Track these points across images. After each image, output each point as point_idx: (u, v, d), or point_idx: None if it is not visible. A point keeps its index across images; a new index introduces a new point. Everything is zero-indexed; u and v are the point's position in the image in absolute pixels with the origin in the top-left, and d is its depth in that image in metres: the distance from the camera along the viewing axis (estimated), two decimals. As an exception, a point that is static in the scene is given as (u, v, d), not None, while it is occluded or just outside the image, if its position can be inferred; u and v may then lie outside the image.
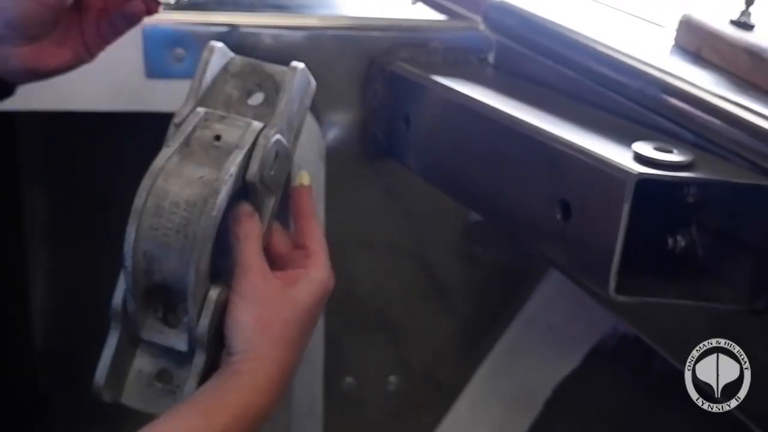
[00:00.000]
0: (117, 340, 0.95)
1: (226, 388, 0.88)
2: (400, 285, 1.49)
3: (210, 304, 0.91)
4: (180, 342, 0.93)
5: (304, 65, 0.98)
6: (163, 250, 0.90)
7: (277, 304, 0.91)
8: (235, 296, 0.91)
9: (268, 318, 0.90)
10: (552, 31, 1.19)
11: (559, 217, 0.95)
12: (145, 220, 0.90)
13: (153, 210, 0.90)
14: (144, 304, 0.93)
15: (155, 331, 0.94)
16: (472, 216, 1.48)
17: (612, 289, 0.86)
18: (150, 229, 0.90)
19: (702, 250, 0.91)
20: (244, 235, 0.92)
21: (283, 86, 0.97)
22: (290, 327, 0.91)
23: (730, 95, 0.95)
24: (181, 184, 0.90)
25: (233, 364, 0.89)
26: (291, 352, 0.91)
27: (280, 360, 0.90)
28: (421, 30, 1.34)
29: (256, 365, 0.89)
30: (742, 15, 1.06)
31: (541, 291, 1.55)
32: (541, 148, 0.99)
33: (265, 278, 0.91)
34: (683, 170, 0.86)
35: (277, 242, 0.97)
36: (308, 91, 1.00)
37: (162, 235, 0.90)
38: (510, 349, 1.57)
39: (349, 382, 1.50)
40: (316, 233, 0.97)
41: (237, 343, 0.90)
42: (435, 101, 1.23)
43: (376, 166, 1.36)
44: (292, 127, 0.97)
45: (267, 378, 0.89)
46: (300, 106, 0.98)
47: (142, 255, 0.90)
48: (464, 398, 1.58)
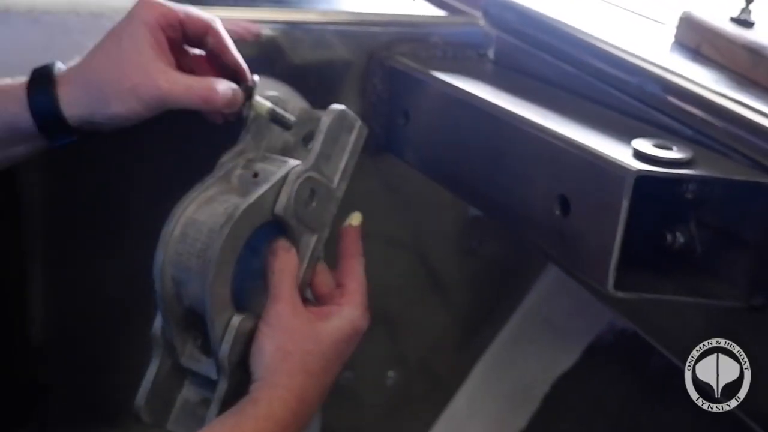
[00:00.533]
0: (158, 365, 0.97)
1: (242, 416, 0.89)
2: (399, 280, 1.50)
3: (232, 330, 0.92)
4: (212, 370, 0.95)
5: (343, 107, 1.01)
6: (187, 275, 0.93)
7: (302, 335, 0.92)
8: (261, 324, 0.93)
9: (289, 347, 0.91)
10: (552, 27, 1.19)
11: (558, 212, 0.95)
12: (172, 245, 0.93)
13: (179, 237, 0.93)
14: (183, 332, 0.96)
15: (194, 359, 0.97)
16: (470, 211, 1.48)
17: (610, 285, 0.86)
18: (176, 254, 0.94)
19: (701, 246, 0.91)
20: (279, 268, 0.94)
21: (319, 127, 0.99)
22: (311, 358, 0.92)
23: (730, 92, 0.95)
24: (208, 213, 0.94)
25: (252, 392, 0.90)
26: (310, 384, 0.92)
27: (297, 390, 0.91)
28: (420, 25, 1.34)
29: (272, 393, 0.90)
30: (742, 12, 1.06)
31: (540, 286, 1.56)
32: (541, 143, 0.99)
33: (294, 309, 0.93)
34: (682, 167, 0.86)
35: (320, 282, 0.99)
36: (353, 132, 1.02)
37: (186, 260, 0.93)
38: (508, 344, 1.57)
39: (347, 376, 1.50)
40: (356, 273, 0.99)
41: (257, 370, 0.91)
42: (434, 96, 1.23)
43: (374, 161, 1.36)
44: (337, 168, 1.00)
45: (283, 407, 0.89)
46: (340, 147, 1.01)
47: (170, 280, 0.94)
48: (462, 393, 1.59)
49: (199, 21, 0.99)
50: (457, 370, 1.58)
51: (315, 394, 0.92)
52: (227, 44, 1.00)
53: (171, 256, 0.93)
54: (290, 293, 0.93)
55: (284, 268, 0.94)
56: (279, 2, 1.33)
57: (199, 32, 1.00)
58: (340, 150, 1.01)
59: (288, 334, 0.92)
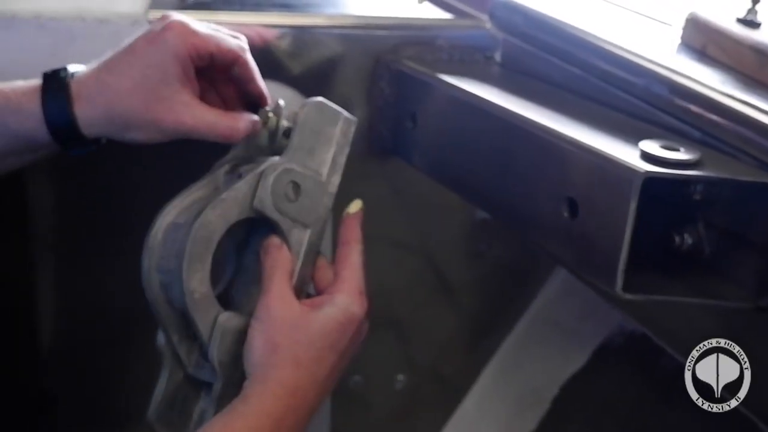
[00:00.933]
0: (167, 377, 0.97)
1: (233, 414, 0.87)
2: (407, 283, 1.50)
3: (219, 327, 0.91)
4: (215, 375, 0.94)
5: (320, 99, 1.00)
6: (170, 277, 0.92)
7: (291, 326, 0.90)
8: (252, 320, 0.91)
9: (277, 339, 0.90)
10: (558, 29, 1.19)
11: (566, 215, 0.95)
12: (156, 251, 0.93)
13: (162, 241, 0.93)
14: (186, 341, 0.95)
15: (200, 367, 0.96)
16: (478, 213, 1.48)
17: (619, 287, 0.86)
18: (160, 258, 0.93)
19: (709, 247, 0.91)
20: (270, 265, 0.93)
21: (296, 120, 0.99)
22: (301, 348, 0.90)
23: (737, 93, 0.95)
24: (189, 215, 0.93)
25: (243, 389, 0.89)
26: (302, 375, 0.90)
27: (288, 382, 0.89)
28: (427, 28, 1.34)
29: (263, 388, 0.88)
30: (749, 13, 1.06)
31: (548, 289, 1.56)
32: (548, 146, 0.99)
33: (283, 301, 0.91)
34: (690, 168, 0.86)
35: (321, 277, 0.98)
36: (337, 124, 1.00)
37: (167, 263, 0.93)
38: (517, 347, 1.57)
39: (356, 381, 1.50)
40: (351, 259, 0.97)
41: (248, 367, 0.90)
42: (441, 99, 1.23)
43: (382, 164, 1.36)
44: (323, 161, 0.99)
45: (275, 401, 0.88)
46: (324, 139, 0.99)
47: (158, 285, 0.93)
48: (471, 396, 1.59)
49: (229, 53, 0.98)
50: (465, 374, 1.58)
51: (309, 386, 0.90)
52: (254, 74, 1.01)
53: (156, 261, 0.93)
54: (279, 287, 0.92)
55: (274, 264, 0.93)
56: (285, 6, 1.33)
57: (228, 63, 0.99)
58: (325, 143, 0.99)
59: (277, 326, 0.90)
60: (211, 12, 1.26)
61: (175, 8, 1.25)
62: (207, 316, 0.91)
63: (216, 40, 0.97)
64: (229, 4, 1.31)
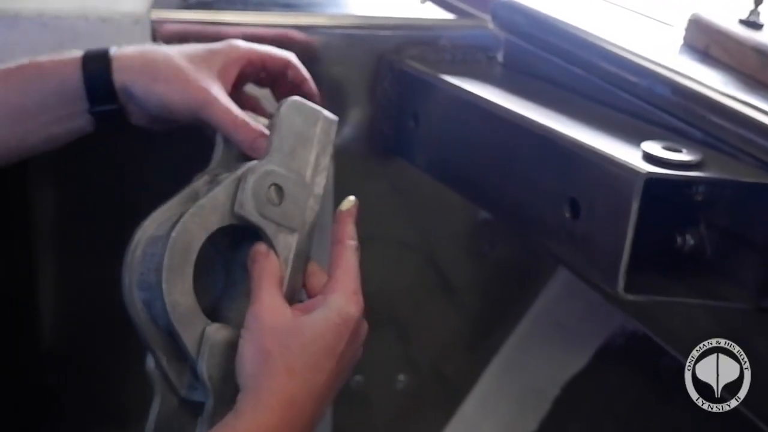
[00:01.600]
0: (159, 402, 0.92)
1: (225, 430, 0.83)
2: (409, 283, 1.50)
3: (207, 340, 0.87)
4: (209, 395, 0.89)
5: (296, 98, 0.97)
6: (151, 293, 0.88)
7: (281, 332, 0.85)
8: (242, 331, 0.87)
9: (269, 347, 0.85)
10: (561, 29, 1.19)
11: (568, 215, 0.95)
12: (136, 267, 0.89)
13: (141, 257, 0.89)
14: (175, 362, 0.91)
15: (192, 388, 0.91)
16: (480, 214, 1.48)
17: (621, 288, 0.86)
18: (140, 275, 0.89)
19: (710, 248, 0.90)
20: (258, 273, 0.89)
21: (273, 121, 0.96)
22: (292, 355, 0.85)
23: (739, 94, 0.95)
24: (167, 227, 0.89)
25: (236, 404, 0.84)
26: (296, 384, 0.84)
27: (281, 392, 0.84)
28: (429, 28, 1.34)
29: (255, 401, 0.83)
30: (751, 14, 1.06)
31: (550, 289, 1.55)
32: (550, 146, 0.99)
33: (273, 308, 0.87)
34: (692, 169, 0.86)
35: (314, 283, 0.94)
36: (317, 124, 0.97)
37: (147, 278, 0.89)
38: (519, 347, 1.57)
39: (357, 380, 1.50)
40: (344, 259, 0.91)
41: (240, 380, 0.85)
42: (444, 99, 1.23)
43: (384, 164, 1.36)
44: (306, 163, 0.95)
45: (269, 414, 0.83)
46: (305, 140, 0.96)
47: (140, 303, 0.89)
48: (473, 396, 1.59)
49: (281, 59, 1.08)
50: (467, 373, 1.58)
51: (305, 396, 0.85)
52: (306, 76, 1.10)
53: (136, 278, 0.89)
54: (269, 294, 0.87)
55: (262, 271, 0.89)
56: (288, 6, 1.33)
57: (279, 69, 1.08)
58: (306, 143, 0.95)
59: (267, 334, 0.85)
60: (213, 11, 1.27)
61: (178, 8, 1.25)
62: (193, 330, 0.87)
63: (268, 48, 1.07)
64: (231, 4, 1.31)
